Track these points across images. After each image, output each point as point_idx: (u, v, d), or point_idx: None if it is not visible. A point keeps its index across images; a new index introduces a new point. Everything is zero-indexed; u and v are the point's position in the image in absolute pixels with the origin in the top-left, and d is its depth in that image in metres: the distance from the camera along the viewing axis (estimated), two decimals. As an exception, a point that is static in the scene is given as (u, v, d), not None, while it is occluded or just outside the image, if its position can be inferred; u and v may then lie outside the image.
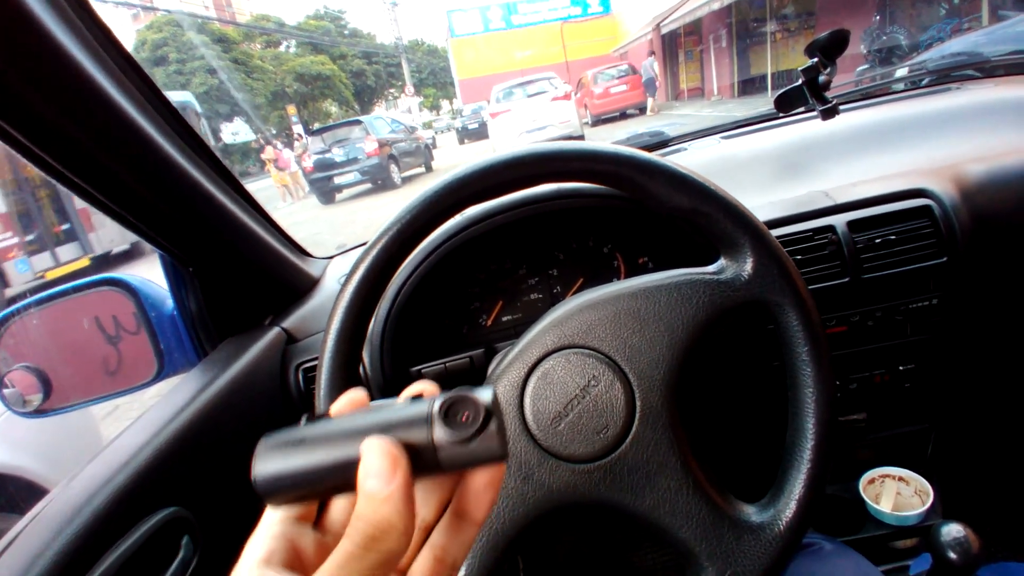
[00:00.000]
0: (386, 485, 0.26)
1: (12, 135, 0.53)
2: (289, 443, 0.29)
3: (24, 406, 0.84)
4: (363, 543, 0.26)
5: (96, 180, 0.62)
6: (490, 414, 0.29)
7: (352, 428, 0.29)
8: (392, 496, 0.26)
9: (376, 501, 0.26)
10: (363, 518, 0.26)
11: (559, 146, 0.57)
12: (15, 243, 7.30)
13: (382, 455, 0.27)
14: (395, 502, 0.26)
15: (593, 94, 16.39)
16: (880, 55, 9.40)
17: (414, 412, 0.29)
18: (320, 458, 0.29)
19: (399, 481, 0.26)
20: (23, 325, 0.82)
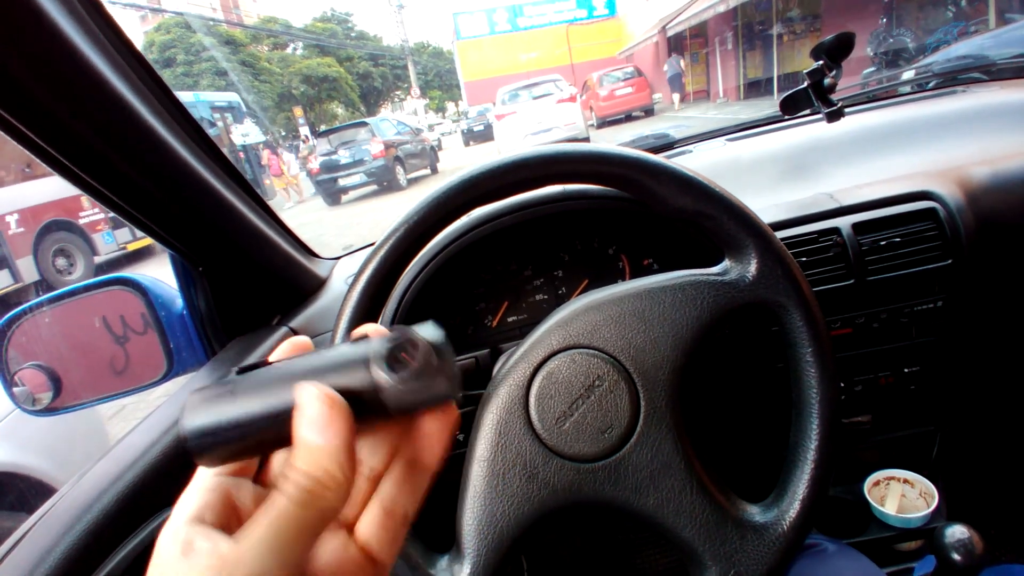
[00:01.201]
0: (323, 434, 0.24)
1: (25, 134, 0.54)
2: (219, 395, 0.27)
3: (34, 404, 0.85)
4: (299, 499, 0.23)
5: (108, 180, 0.63)
6: (437, 352, 0.27)
7: (286, 373, 0.27)
8: (331, 446, 0.24)
9: (313, 452, 0.24)
10: (299, 471, 0.24)
11: (565, 148, 0.58)
12: (101, 218, 8.21)
13: (319, 401, 0.24)
14: (334, 452, 0.24)
15: (599, 96, 16.39)
16: (886, 58, 9.37)
17: (354, 353, 0.27)
18: (252, 408, 0.26)
19: (338, 428, 0.24)
20: (34, 324, 0.83)
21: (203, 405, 0.27)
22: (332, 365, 0.27)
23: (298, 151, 17.05)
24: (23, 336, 0.82)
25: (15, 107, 0.52)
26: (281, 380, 0.26)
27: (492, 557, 0.53)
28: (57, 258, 7.65)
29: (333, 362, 0.27)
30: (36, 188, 7.42)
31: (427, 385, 0.26)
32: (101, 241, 8.31)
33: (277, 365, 0.28)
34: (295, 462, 0.24)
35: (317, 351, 0.28)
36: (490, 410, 0.56)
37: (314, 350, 0.29)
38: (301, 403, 0.25)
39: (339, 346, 0.28)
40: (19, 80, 0.50)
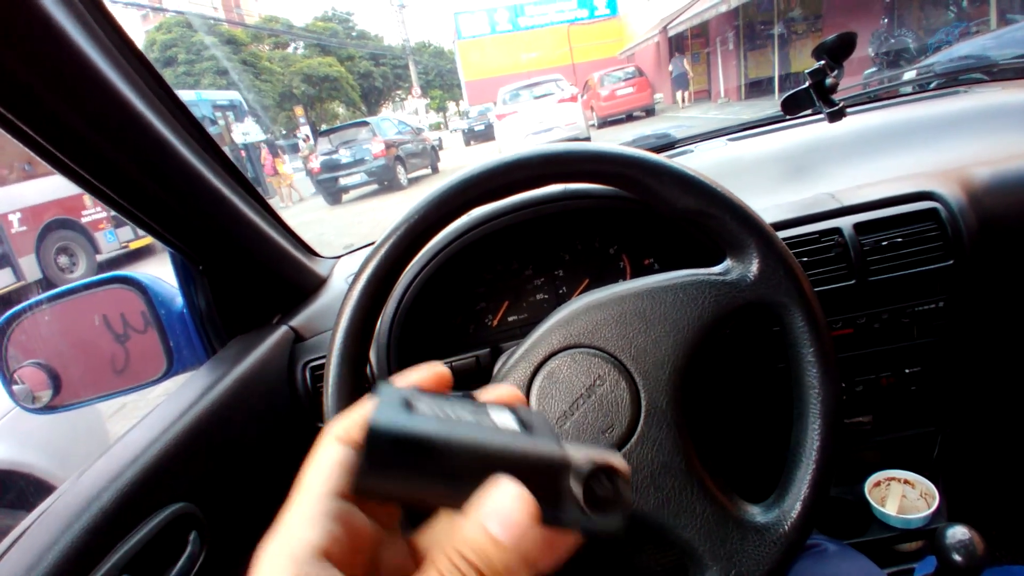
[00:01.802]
0: (513, 539, 0.22)
1: (27, 133, 0.54)
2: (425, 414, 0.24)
3: (33, 402, 0.85)
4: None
5: (109, 178, 0.63)
6: (626, 499, 0.26)
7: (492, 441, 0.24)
8: (515, 552, 0.22)
9: (495, 547, 0.22)
10: (471, 559, 0.22)
11: (567, 147, 0.57)
12: (103, 216, 8.32)
13: (521, 505, 0.23)
14: (515, 559, 0.22)
15: (600, 96, 16.40)
16: (888, 58, 9.37)
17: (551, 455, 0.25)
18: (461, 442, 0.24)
19: (527, 544, 0.23)
20: (34, 322, 0.83)
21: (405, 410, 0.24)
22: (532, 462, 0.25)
23: (297, 150, 16.98)
24: (23, 334, 0.82)
25: (17, 106, 0.52)
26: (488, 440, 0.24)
27: None
28: (59, 256, 7.69)
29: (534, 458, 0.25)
30: (38, 187, 7.45)
31: (605, 520, 0.25)
32: (103, 239, 8.36)
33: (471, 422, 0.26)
34: (469, 552, 0.22)
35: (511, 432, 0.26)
36: None
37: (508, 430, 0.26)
38: (501, 494, 0.23)
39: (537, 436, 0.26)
40: (21, 79, 0.50)
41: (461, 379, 0.85)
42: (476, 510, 0.23)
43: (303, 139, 19.28)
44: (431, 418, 0.24)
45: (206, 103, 13.51)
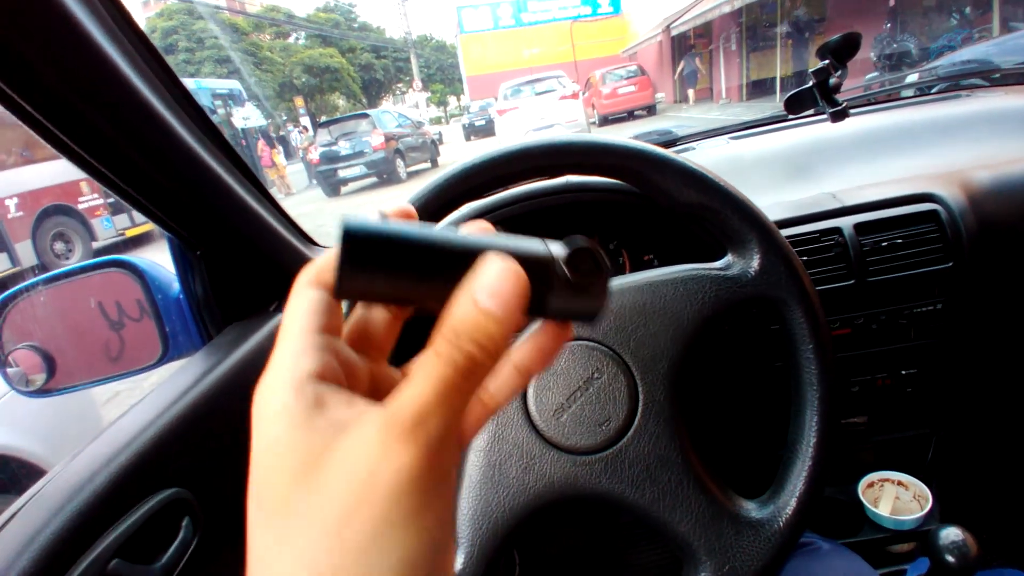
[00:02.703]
0: (504, 306, 0.22)
1: (30, 113, 0.53)
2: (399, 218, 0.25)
3: (27, 385, 0.84)
4: (464, 366, 0.22)
5: (110, 160, 0.62)
6: (607, 269, 0.25)
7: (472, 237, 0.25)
8: (506, 321, 0.22)
9: (488, 320, 0.22)
10: (471, 335, 0.22)
11: (571, 138, 0.57)
12: (100, 203, 8.31)
13: (507, 274, 0.23)
14: (507, 327, 0.22)
15: (601, 94, 16.39)
16: (889, 62, 9.37)
17: (538, 246, 0.25)
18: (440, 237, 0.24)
19: (517, 310, 0.23)
20: (29, 304, 0.82)
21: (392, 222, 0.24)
22: (522, 251, 0.25)
23: (288, 143, 16.87)
24: (18, 316, 0.82)
25: (20, 84, 0.51)
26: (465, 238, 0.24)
27: (486, 547, 0.53)
28: (55, 242, 7.66)
29: (523, 249, 0.25)
30: (35, 172, 7.42)
31: (587, 300, 0.25)
32: (100, 226, 8.31)
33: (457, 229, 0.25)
34: (461, 327, 0.22)
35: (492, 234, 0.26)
36: None
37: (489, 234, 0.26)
38: (492, 269, 0.23)
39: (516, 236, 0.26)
40: (24, 58, 0.49)
41: None
42: (466, 286, 0.23)
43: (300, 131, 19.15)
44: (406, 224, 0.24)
45: (206, 91, 13.46)
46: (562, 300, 0.25)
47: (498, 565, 0.54)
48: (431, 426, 0.21)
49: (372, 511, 0.20)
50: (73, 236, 7.94)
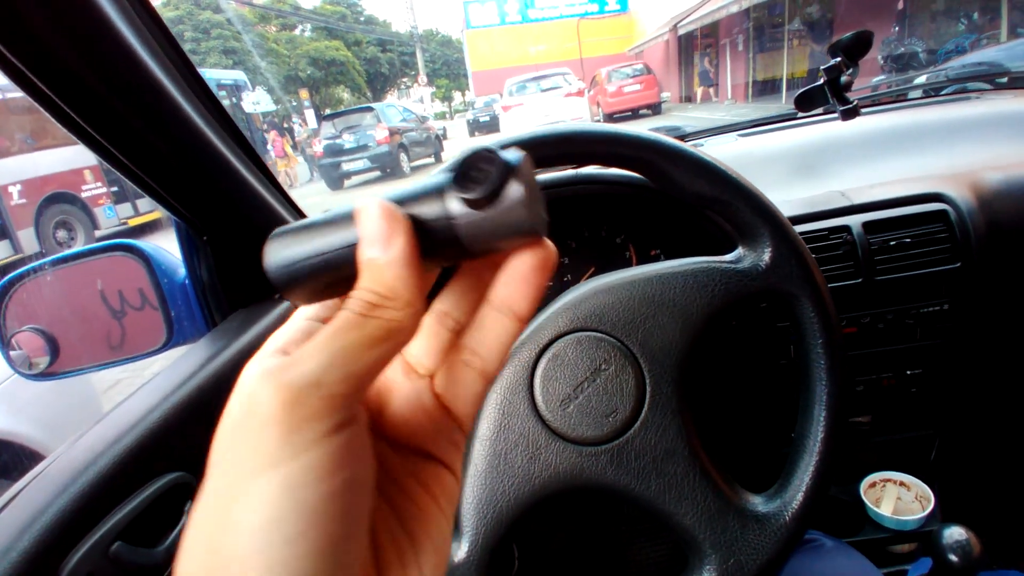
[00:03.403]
0: (384, 248, 0.22)
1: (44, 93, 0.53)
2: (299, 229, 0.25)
3: (31, 368, 0.84)
4: (361, 309, 0.22)
5: (122, 143, 0.62)
6: (510, 172, 0.22)
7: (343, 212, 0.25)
8: (391, 259, 0.22)
9: (375, 268, 0.22)
10: (363, 287, 0.23)
11: (583, 127, 0.57)
12: (103, 192, 8.31)
13: (378, 217, 0.23)
14: (396, 266, 0.22)
15: (606, 92, 16.36)
16: (897, 65, 9.35)
17: (427, 182, 0.24)
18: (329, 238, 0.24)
19: (398, 242, 0.22)
20: (34, 287, 0.82)
21: (284, 240, 0.25)
22: (403, 195, 0.24)
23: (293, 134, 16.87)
24: (23, 299, 0.82)
25: (39, 67, 0.51)
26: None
27: (490, 536, 0.53)
28: (58, 230, 7.67)
29: (405, 192, 0.24)
30: (39, 159, 7.42)
31: (501, 214, 0.22)
32: (103, 215, 8.31)
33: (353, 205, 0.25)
34: (360, 281, 0.23)
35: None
36: (494, 390, 0.56)
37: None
38: (362, 220, 0.23)
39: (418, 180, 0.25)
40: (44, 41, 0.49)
41: None
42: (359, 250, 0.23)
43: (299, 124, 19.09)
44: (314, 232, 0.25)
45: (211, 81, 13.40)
46: (477, 225, 0.23)
47: (502, 555, 0.54)
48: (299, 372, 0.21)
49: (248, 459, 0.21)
50: (76, 224, 7.95)
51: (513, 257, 0.25)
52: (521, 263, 0.24)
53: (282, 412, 0.20)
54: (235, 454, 0.21)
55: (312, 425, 0.21)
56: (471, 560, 0.53)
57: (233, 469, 0.21)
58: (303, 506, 0.20)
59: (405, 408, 0.27)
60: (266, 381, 0.21)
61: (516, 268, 0.25)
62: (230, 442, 0.21)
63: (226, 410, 0.23)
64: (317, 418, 0.21)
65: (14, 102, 6.99)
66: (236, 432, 0.21)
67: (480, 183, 0.22)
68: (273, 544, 0.20)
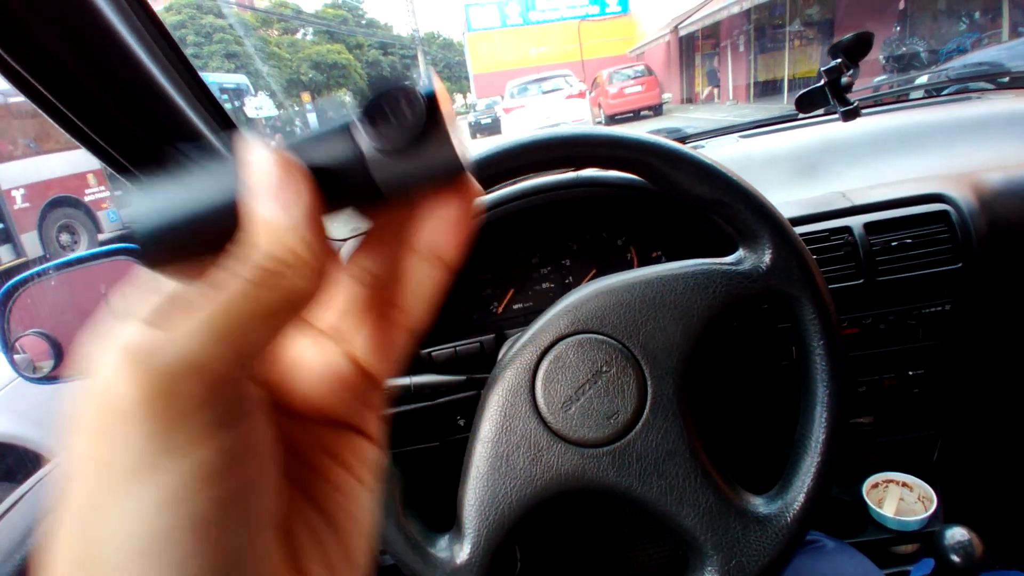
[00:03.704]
0: (279, 203, 0.19)
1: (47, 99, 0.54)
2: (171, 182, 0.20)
3: (34, 372, 0.85)
4: (257, 278, 0.18)
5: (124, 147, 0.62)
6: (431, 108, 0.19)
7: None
8: (289, 216, 0.18)
9: (269, 226, 0.18)
10: (255, 248, 0.18)
11: (584, 130, 0.57)
12: (106, 196, 8.22)
13: (270, 165, 0.19)
14: (294, 224, 0.18)
15: (608, 94, 16.37)
16: (899, 65, 9.35)
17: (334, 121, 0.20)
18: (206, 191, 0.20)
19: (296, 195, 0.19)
20: (38, 291, 0.83)
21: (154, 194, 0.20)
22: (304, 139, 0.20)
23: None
24: (26, 303, 0.82)
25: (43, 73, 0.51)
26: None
27: (492, 538, 0.53)
28: (61, 234, 7.70)
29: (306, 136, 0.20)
30: (42, 163, 7.45)
31: (430, 155, 0.20)
32: (106, 219, 8.31)
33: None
34: (252, 240, 0.19)
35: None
36: (496, 392, 0.56)
37: None
38: (251, 171, 0.19)
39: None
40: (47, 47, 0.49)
41: (466, 363, 0.85)
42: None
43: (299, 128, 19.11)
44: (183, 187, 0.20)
45: (213, 85, 13.43)
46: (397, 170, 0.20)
47: (504, 556, 0.54)
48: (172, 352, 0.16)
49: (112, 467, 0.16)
50: (79, 228, 7.97)
51: (439, 200, 0.22)
52: (449, 206, 0.22)
53: (151, 405, 0.16)
54: (93, 461, 0.16)
55: (194, 419, 0.17)
56: (473, 562, 0.53)
57: (93, 480, 0.16)
58: (190, 521, 0.16)
59: (311, 375, 0.23)
60: (128, 365, 0.16)
61: (443, 211, 0.22)
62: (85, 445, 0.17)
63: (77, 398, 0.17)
64: (200, 410, 0.17)
65: (17, 106, 7.04)
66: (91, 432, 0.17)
67: (400, 126, 0.19)
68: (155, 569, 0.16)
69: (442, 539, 0.55)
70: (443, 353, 0.85)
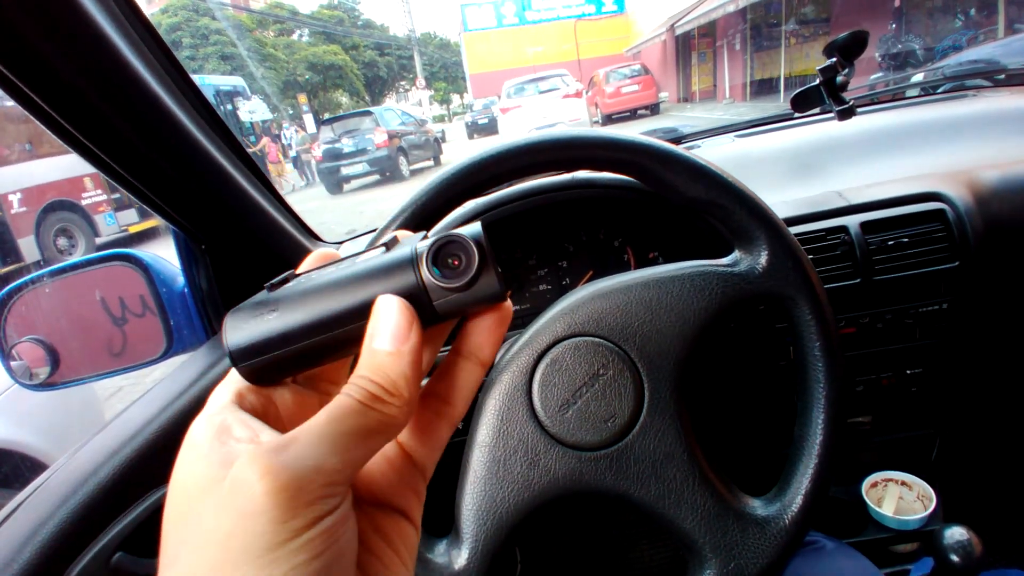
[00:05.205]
0: (395, 343, 0.23)
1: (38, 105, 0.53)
2: (261, 307, 0.25)
3: (31, 379, 0.84)
4: (366, 398, 0.23)
5: (117, 153, 0.62)
6: (483, 253, 0.25)
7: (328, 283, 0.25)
8: (403, 355, 0.23)
9: (384, 360, 0.23)
10: (367, 376, 0.23)
11: (579, 132, 0.57)
12: (103, 199, 8.34)
13: (396, 311, 0.24)
14: (404, 364, 0.23)
15: (604, 93, 16.36)
16: (895, 63, 9.36)
17: (399, 256, 0.25)
18: (299, 317, 0.25)
19: (412, 342, 0.24)
20: (34, 297, 0.82)
21: (247, 319, 0.25)
22: (376, 270, 0.25)
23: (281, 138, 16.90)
24: (22, 309, 0.82)
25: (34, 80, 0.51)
26: (326, 288, 0.25)
27: (490, 542, 0.53)
28: (59, 238, 7.68)
29: (377, 267, 0.25)
30: (39, 167, 7.43)
31: (480, 291, 0.25)
32: (103, 222, 8.32)
33: (313, 275, 0.26)
34: (364, 368, 0.23)
35: (350, 259, 0.27)
36: (492, 396, 0.56)
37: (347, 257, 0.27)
38: (378, 312, 0.24)
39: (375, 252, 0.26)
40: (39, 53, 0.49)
41: None
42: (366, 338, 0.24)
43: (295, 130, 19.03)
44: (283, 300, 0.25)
45: (209, 88, 13.48)
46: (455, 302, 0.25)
47: (502, 561, 0.54)
48: (297, 457, 0.21)
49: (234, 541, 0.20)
50: (76, 232, 7.96)
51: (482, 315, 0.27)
52: (488, 318, 0.27)
53: (278, 498, 0.20)
54: (228, 538, 0.20)
55: (311, 510, 0.20)
56: (471, 567, 0.53)
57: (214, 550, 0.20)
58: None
59: (370, 466, 0.27)
60: (257, 463, 0.20)
61: (483, 322, 0.27)
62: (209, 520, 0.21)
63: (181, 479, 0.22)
64: (315, 503, 0.21)
65: (12, 111, 7.02)
66: (228, 514, 0.20)
67: (459, 273, 0.25)
68: None
69: (440, 544, 0.55)
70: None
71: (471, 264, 0.25)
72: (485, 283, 0.25)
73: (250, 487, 0.20)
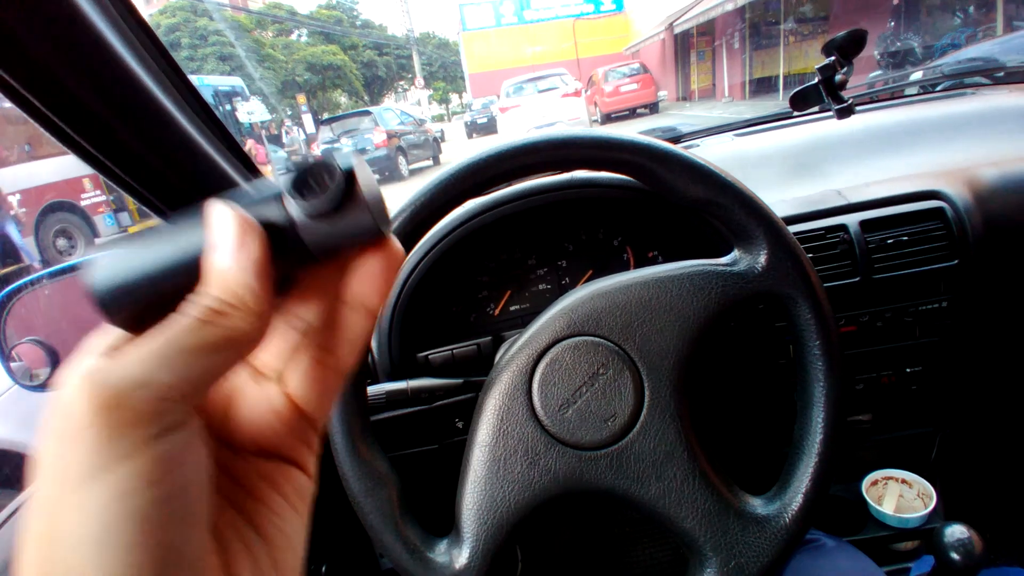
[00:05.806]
0: (233, 255, 0.22)
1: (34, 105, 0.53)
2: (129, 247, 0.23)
3: (31, 380, 0.84)
4: (203, 313, 0.21)
5: (117, 156, 0.62)
6: (351, 179, 0.23)
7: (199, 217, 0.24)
8: (239, 267, 0.22)
9: (221, 274, 0.22)
10: (205, 294, 0.22)
11: (576, 132, 0.57)
12: (103, 200, 8.40)
13: (229, 222, 0.22)
14: (243, 274, 0.22)
15: (603, 92, 16.37)
16: (894, 60, 9.36)
17: (267, 187, 0.24)
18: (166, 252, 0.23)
19: (248, 249, 0.22)
20: (34, 298, 0.82)
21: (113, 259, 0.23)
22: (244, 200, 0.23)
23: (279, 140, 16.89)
24: (22, 311, 0.82)
25: (29, 80, 0.51)
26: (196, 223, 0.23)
27: (491, 541, 0.53)
28: (58, 239, 7.69)
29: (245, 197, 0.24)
30: (38, 168, 7.43)
31: (347, 218, 0.23)
32: (103, 223, 8.33)
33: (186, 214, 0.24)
34: (204, 286, 0.22)
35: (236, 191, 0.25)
36: (492, 396, 0.56)
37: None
38: (213, 225, 0.22)
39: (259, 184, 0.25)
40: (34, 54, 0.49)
41: (463, 366, 0.85)
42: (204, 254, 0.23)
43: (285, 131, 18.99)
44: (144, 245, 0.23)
45: (208, 88, 13.48)
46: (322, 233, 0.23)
47: (502, 560, 0.54)
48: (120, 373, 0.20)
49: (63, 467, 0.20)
50: (76, 233, 7.96)
51: (363, 257, 0.25)
52: (372, 263, 0.25)
53: (99, 416, 0.19)
54: (56, 463, 0.20)
55: (135, 430, 0.20)
56: (471, 567, 0.53)
57: (56, 479, 0.20)
58: (134, 514, 0.19)
59: (253, 412, 0.27)
60: (82, 383, 0.20)
61: (367, 268, 0.25)
62: (50, 449, 0.20)
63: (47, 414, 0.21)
64: (141, 422, 0.20)
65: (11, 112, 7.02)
66: (55, 439, 0.20)
67: (320, 194, 0.22)
68: (106, 556, 0.19)
69: (440, 543, 0.55)
70: (440, 356, 0.85)
71: (334, 185, 0.22)
72: (355, 215, 0.23)
73: (71, 406, 0.20)
